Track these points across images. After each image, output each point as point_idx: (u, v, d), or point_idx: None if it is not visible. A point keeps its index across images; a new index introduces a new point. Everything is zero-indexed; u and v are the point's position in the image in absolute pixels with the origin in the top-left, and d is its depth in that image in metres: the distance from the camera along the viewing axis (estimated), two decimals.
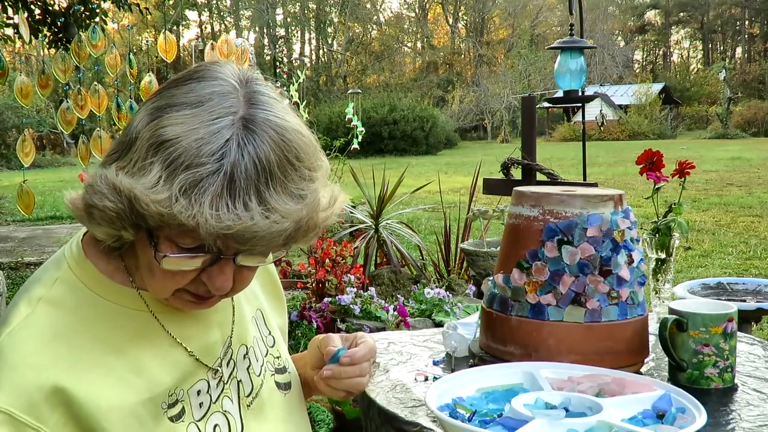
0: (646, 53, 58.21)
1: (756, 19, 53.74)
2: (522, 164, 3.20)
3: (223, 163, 0.81)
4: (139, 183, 0.82)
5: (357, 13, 48.78)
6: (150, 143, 0.83)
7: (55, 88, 4.56)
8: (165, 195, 0.80)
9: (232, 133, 0.83)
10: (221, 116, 0.83)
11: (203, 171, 0.81)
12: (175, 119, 0.83)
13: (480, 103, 37.76)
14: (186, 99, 0.86)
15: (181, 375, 0.99)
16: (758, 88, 44.65)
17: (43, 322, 0.92)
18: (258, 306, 1.18)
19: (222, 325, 1.07)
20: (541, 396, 1.12)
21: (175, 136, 0.82)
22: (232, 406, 1.04)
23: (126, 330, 0.96)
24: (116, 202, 0.83)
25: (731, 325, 1.26)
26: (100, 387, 0.91)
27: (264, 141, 0.83)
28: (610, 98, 34.48)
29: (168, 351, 0.99)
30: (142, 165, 0.83)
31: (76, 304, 0.94)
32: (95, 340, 0.93)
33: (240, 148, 0.82)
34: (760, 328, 4.53)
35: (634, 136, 30.65)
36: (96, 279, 0.97)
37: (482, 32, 48.88)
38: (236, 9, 49.09)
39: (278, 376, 1.15)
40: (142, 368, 0.95)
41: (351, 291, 3.43)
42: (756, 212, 9.77)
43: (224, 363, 1.05)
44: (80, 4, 6.15)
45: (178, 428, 0.96)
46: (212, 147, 0.81)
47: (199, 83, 0.87)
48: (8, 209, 12.31)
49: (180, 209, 0.80)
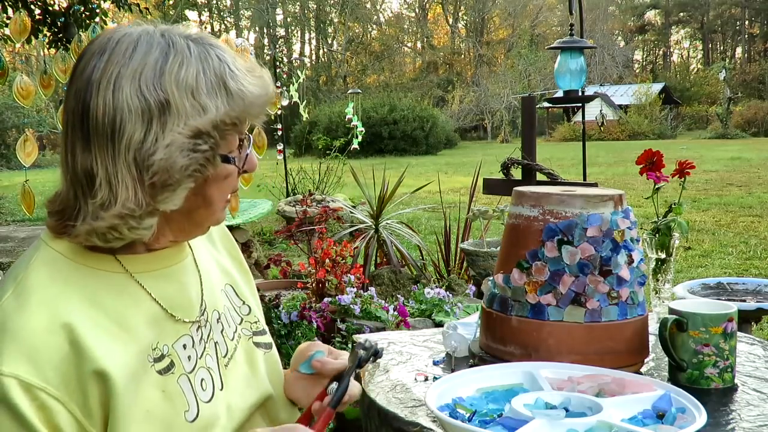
0: (646, 53, 58.20)
1: (756, 19, 53.72)
2: (522, 164, 3.20)
3: (225, 61, 1.00)
4: (209, 114, 0.97)
5: (357, 13, 48.75)
6: (184, 89, 0.96)
7: (55, 88, 4.55)
8: (228, 104, 0.98)
9: (203, 47, 1.01)
10: (185, 45, 0.99)
11: (227, 72, 1.00)
12: (176, 66, 0.97)
13: (480, 103, 37.73)
14: (153, 56, 0.97)
15: (162, 331, 1.05)
16: (758, 88, 44.62)
17: (31, 287, 0.98)
18: (228, 281, 1.24)
19: (194, 289, 1.14)
20: (541, 396, 1.12)
21: (192, 71, 0.97)
22: (213, 364, 1.11)
23: (108, 290, 1.02)
24: (206, 141, 0.97)
25: (731, 325, 1.26)
26: (96, 336, 0.97)
27: (209, 38, 1.03)
28: (610, 98, 34.47)
29: (148, 307, 1.05)
30: (195, 106, 0.96)
31: (58, 270, 1.00)
32: (82, 299, 0.99)
33: (216, 49, 1.01)
34: (760, 328, 4.53)
35: (634, 136, 30.63)
36: (72, 249, 1.02)
37: (482, 32, 48.86)
38: (236, 9, 49.08)
39: (257, 338, 1.23)
40: (127, 323, 1.01)
41: (351, 291, 3.42)
42: (756, 212, 9.77)
43: (202, 323, 1.12)
44: (80, 4, 6.14)
45: (169, 380, 1.03)
46: (213, 60, 1.00)
47: (139, 43, 0.98)
48: (8, 209, 12.31)
49: (246, 101, 1.00)
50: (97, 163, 0.95)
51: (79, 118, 0.96)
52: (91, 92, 0.95)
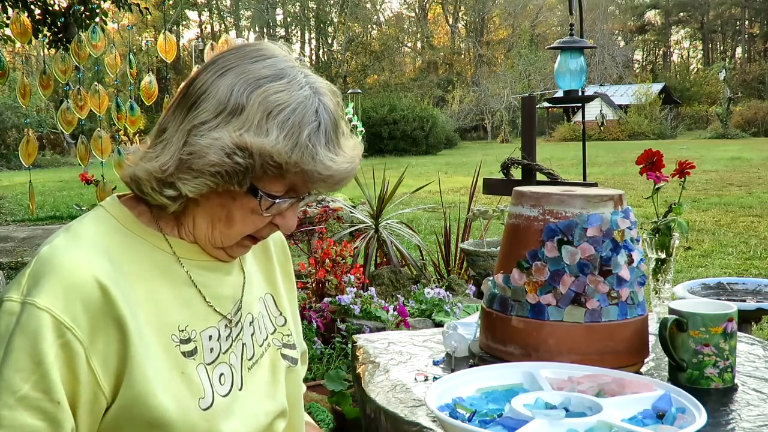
0: (646, 53, 58.20)
1: (756, 19, 53.71)
2: (522, 164, 3.20)
3: (320, 121, 1.02)
4: (267, 141, 0.99)
5: (357, 13, 48.75)
6: (264, 109, 1.00)
7: (55, 88, 4.56)
8: (288, 146, 0.99)
9: (312, 95, 1.03)
10: (302, 85, 1.03)
11: (310, 128, 1.01)
12: (275, 89, 1.01)
13: (480, 103, 37.74)
14: (271, 72, 1.03)
15: (193, 315, 1.09)
16: (758, 88, 44.62)
17: (81, 235, 1.04)
18: (269, 290, 1.27)
19: (235, 288, 1.17)
20: (541, 396, 1.12)
21: (282, 101, 1.01)
22: (236, 362, 1.13)
23: (148, 261, 1.07)
24: (246, 158, 0.99)
25: (731, 325, 1.26)
26: (127, 296, 1.01)
27: (330, 102, 1.05)
28: (610, 98, 34.47)
29: (183, 289, 1.09)
30: (264, 126, 1.00)
31: (108, 229, 1.07)
32: (122, 260, 1.04)
33: (325, 109, 1.03)
34: (760, 328, 4.53)
35: (634, 136, 30.63)
36: (127, 216, 1.09)
37: (482, 32, 48.86)
38: (236, 9, 49.08)
39: (285, 350, 1.24)
40: (157, 297, 1.05)
41: (351, 291, 3.42)
42: (756, 212, 9.77)
43: (234, 321, 1.15)
44: (80, 4, 6.14)
45: (189, 364, 1.06)
46: (310, 108, 1.02)
47: (273, 60, 1.05)
48: (8, 209, 12.32)
49: (299, 157, 1.00)
50: (171, 123, 1.05)
51: (188, 82, 1.07)
52: (208, 68, 1.06)
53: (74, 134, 8.66)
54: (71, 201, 12.27)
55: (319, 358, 3.18)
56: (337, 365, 3.09)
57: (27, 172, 4.25)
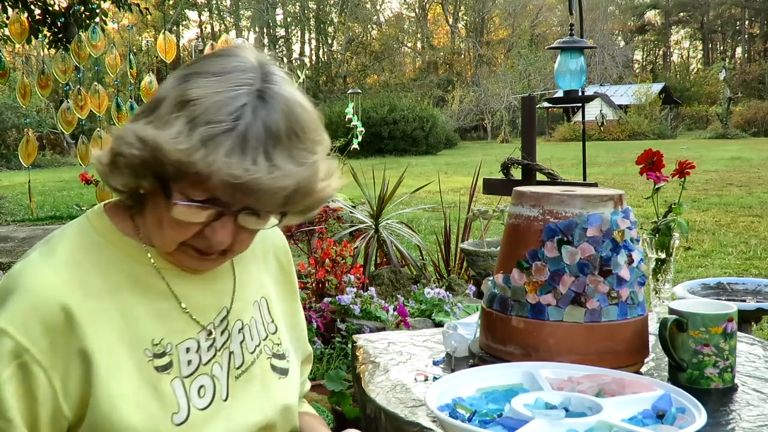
0: (646, 53, 58.18)
1: (756, 19, 53.69)
2: (522, 164, 3.20)
3: (238, 123, 0.93)
4: (163, 134, 0.93)
5: (357, 13, 48.74)
6: (176, 102, 0.96)
7: (55, 88, 4.56)
8: (186, 145, 0.92)
9: (248, 100, 0.95)
10: (240, 86, 0.96)
11: (220, 127, 0.93)
12: (200, 83, 0.96)
13: (480, 103, 37.72)
14: (211, 69, 0.98)
15: (169, 328, 1.07)
16: (758, 88, 44.62)
17: (56, 252, 1.04)
18: (264, 294, 1.23)
19: (221, 295, 1.15)
20: (541, 396, 1.12)
21: (198, 96, 0.95)
22: (221, 373, 1.11)
23: (124, 275, 1.06)
24: (142, 151, 0.95)
25: (731, 325, 1.26)
26: (95, 317, 1.00)
27: (275, 111, 0.96)
28: (610, 98, 34.46)
29: (160, 303, 1.07)
30: (168, 119, 0.95)
31: (86, 243, 1.06)
32: (97, 276, 1.03)
33: (254, 113, 0.94)
34: (760, 328, 4.53)
35: (634, 136, 30.62)
36: (107, 228, 1.08)
37: (482, 32, 48.84)
38: (236, 9, 49.07)
39: (275, 360, 1.20)
40: (131, 313, 1.04)
41: (351, 291, 3.42)
42: (756, 212, 9.77)
43: (218, 331, 1.12)
44: (80, 4, 6.14)
45: (163, 379, 1.04)
46: (230, 108, 0.94)
47: (225, 58, 1.00)
48: (8, 209, 12.31)
49: (198, 158, 0.92)
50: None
51: None
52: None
53: (74, 134, 8.64)
54: (71, 201, 12.26)
55: (319, 358, 3.18)
56: (337, 365, 3.09)
57: (27, 172, 4.25)
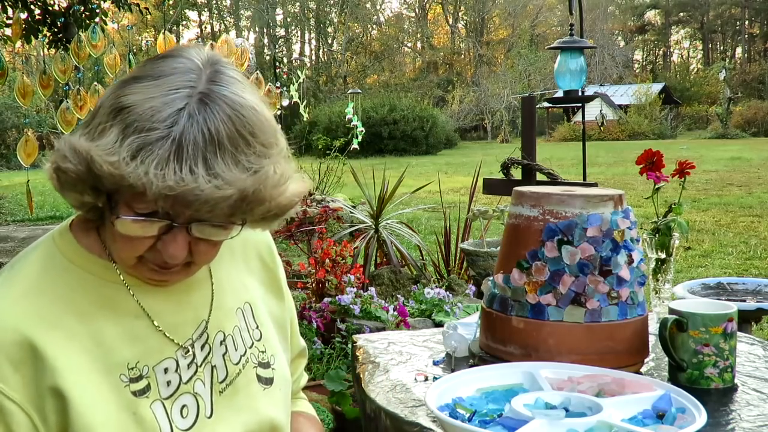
0: (646, 53, 58.18)
1: (756, 19, 53.70)
2: (522, 164, 3.20)
3: (172, 130, 0.87)
4: (95, 145, 0.88)
5: (357, 13, 48.74)
6: (110, 110, 0.91)
7: (55, 88, 4.56)
8: (116, 157, 0.86)
9: (185, 103, 0.88)
10: (179, 89, 0.89)
11: (153, 135, 0.86)
12: (136, 89, 0.90)
13: (480, 103, 37.72)
14: (151, 72, 0.92)
15: (144, 349, 1.02)
16: (758, 88, 44.62)
17: (18, 280, 0.99)
18: (247, 299, 1.18)
19: (198, 308, 1.09)
20: (541, 396, 1.12)
21: (132, 103, 0.89)
22: (203, 390, 1.06)
23: (92, 297, 1.01)
24: (76, 164, 0.89)
25: (731, 325, 1.26)
26: (63, 347, 0.96)
27: (216, 114, 0.89)
28: (610, 98, 34.46)
29: (132, 323, 1.02)
30: (102, 129, 0.89)
31: (50, 267, 1.01)
32: (63, 302, 0.98)
33: (191, 118, 0.88)
34: (760, 328, 4.53)
35: (634, 136, 30.62)
36: (73, 249, 1.03)
37: (482, 32, 48.85)
38: (236, 9, 49.07)
39: (260, 370, 1.14)
40: (102, 337, 0.99)
41: (351, 291, 3.42)
42: (756, 212, 9.77)
43: (198, 345, 1.07)
44: (80, 4, 6.14)
45: (142, 403, 0.99)
46: (163, 114, 0.87)
47: (167, 60, 0.94)
48: (8, 209, 12.31)
49: (129, 170, 0.85)
50: None
51: None
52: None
53: None
54: None
55: (319, 358, 3.18)
56: (337, 365, 3.09)
57: (26, 173, 4.25)
